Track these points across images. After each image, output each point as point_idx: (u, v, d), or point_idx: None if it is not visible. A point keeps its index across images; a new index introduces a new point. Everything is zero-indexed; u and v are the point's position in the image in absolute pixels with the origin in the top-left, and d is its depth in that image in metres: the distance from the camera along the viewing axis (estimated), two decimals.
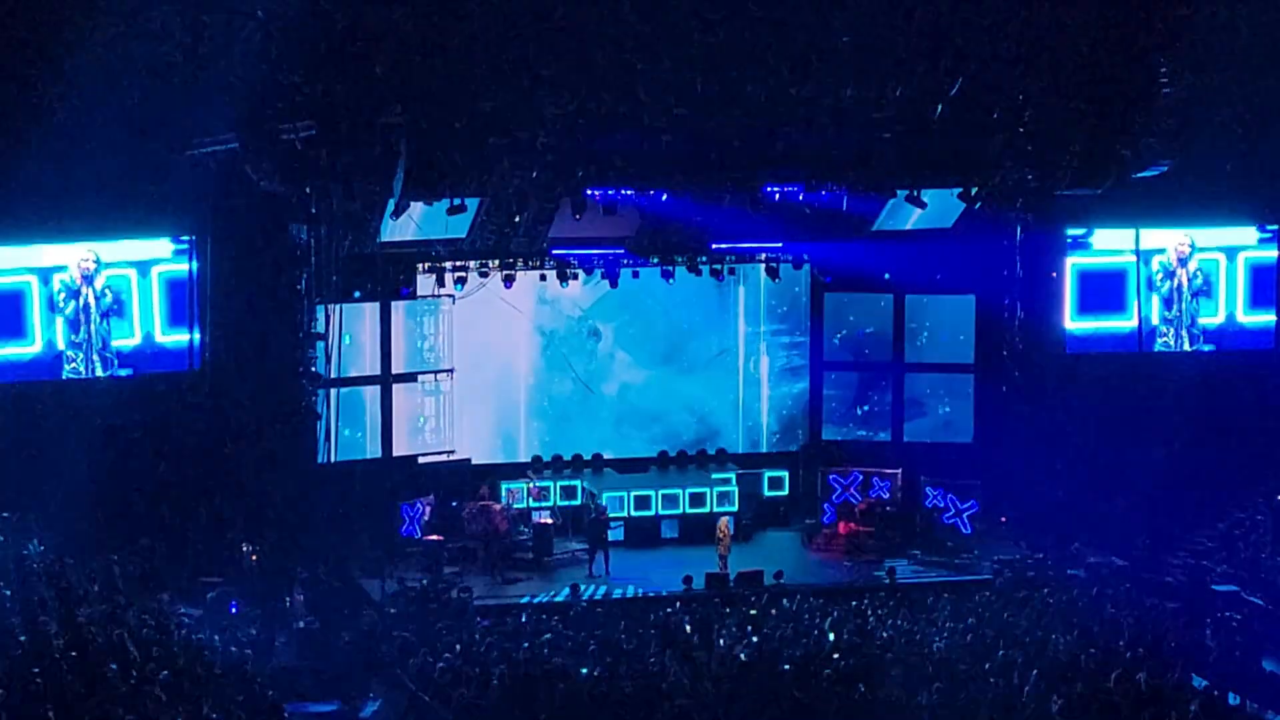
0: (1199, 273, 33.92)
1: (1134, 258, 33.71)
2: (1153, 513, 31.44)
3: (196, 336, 29.88)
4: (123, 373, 29.67)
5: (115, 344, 29.60)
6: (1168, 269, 33.85)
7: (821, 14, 28.79)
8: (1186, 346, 33.91)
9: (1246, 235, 34.15)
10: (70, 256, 29.23)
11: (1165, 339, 33.91)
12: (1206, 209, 33.31)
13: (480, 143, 28.48)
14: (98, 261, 29.35)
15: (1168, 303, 33.89)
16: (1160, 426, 32.50)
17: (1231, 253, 34.07)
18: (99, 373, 29.48)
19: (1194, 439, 32.27)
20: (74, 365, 29.40)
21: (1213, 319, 33.99)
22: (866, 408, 35.30)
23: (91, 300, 29.39)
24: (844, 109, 29.49)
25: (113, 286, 29.53)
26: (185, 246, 29.72)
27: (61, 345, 29.33)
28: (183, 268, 29.87)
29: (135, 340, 29.82)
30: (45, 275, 29.23)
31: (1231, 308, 34.11)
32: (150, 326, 29.93)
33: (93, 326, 29.44)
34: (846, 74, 29.25)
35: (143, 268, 29.79)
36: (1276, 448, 32.56)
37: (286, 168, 27.79)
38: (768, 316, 35.62)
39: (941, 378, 34.90)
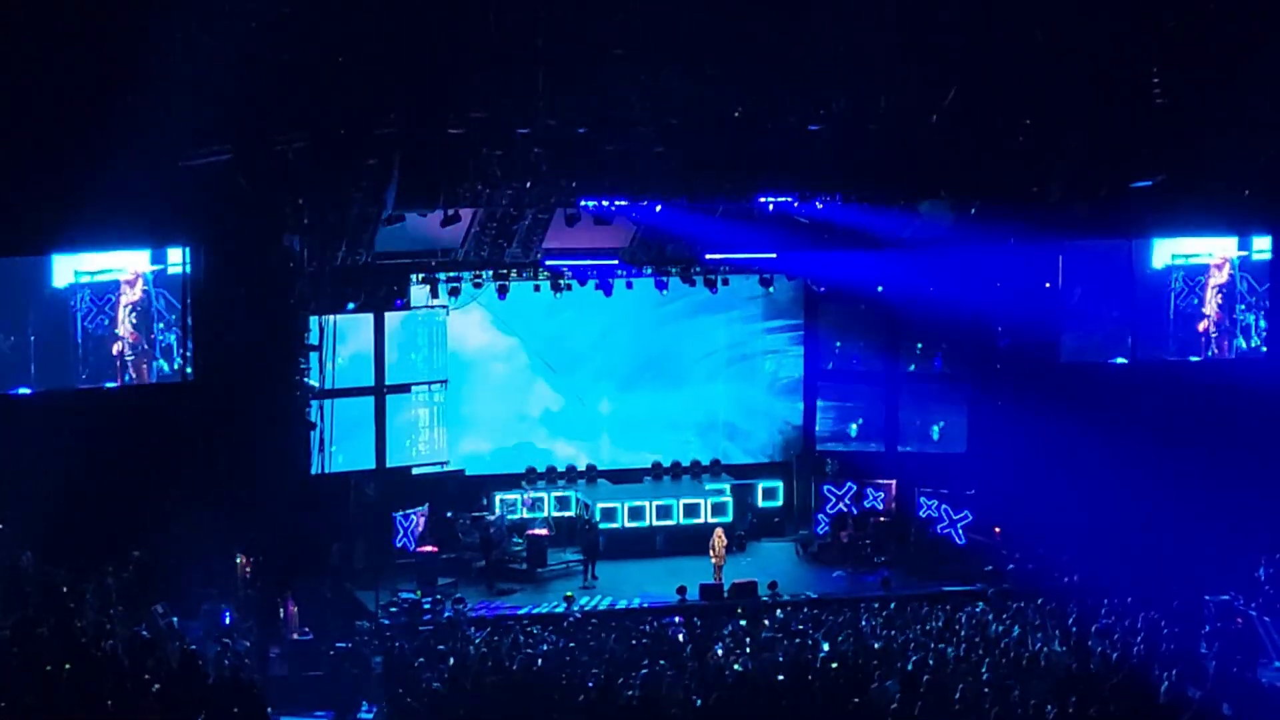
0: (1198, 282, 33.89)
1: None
2: (1148, 522, 31.39)
3: (189, 347, 29.79)
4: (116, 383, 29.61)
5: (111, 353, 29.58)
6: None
7: (815, 24, 28.79)
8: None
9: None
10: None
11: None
12: (1202, 219, 33.25)
13: (474, 153, 28.50)
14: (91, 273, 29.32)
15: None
16: (1154, 436, 32.42)
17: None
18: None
19: (1188, 447, 32.21)
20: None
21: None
22: (861, 419, 35.29)
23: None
24: (838, 120, 29.51)
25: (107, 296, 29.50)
26: (179, 257, 29.67)
27: None
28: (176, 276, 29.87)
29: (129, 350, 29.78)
30: None
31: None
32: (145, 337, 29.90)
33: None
34: (840, 84, 29.28)
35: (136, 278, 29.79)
36: (1272, 454, 32.51)
37: (280, 179, 27.77)
38: (761, 328, 35.60)
39: (935, 388, 34.90)
